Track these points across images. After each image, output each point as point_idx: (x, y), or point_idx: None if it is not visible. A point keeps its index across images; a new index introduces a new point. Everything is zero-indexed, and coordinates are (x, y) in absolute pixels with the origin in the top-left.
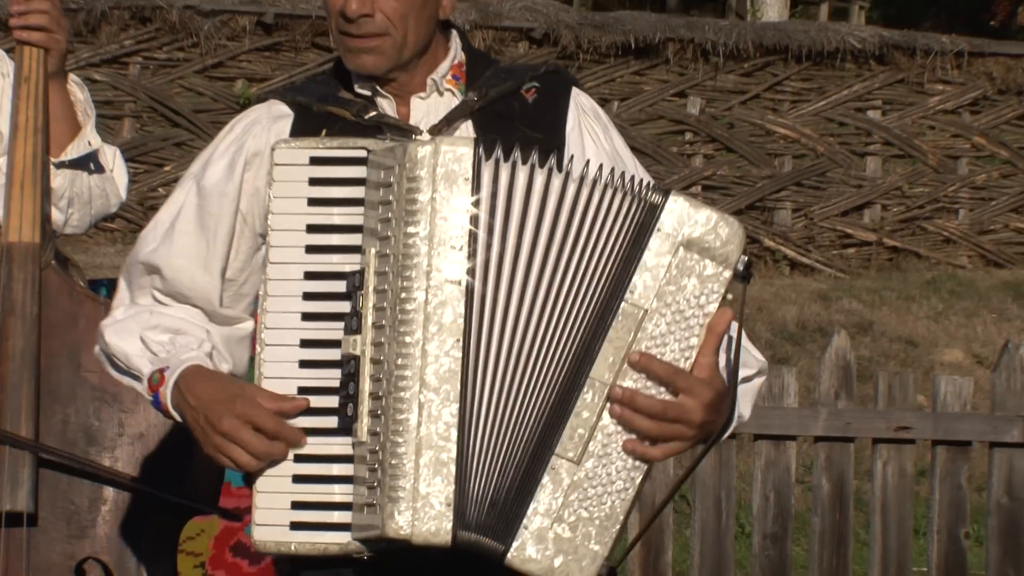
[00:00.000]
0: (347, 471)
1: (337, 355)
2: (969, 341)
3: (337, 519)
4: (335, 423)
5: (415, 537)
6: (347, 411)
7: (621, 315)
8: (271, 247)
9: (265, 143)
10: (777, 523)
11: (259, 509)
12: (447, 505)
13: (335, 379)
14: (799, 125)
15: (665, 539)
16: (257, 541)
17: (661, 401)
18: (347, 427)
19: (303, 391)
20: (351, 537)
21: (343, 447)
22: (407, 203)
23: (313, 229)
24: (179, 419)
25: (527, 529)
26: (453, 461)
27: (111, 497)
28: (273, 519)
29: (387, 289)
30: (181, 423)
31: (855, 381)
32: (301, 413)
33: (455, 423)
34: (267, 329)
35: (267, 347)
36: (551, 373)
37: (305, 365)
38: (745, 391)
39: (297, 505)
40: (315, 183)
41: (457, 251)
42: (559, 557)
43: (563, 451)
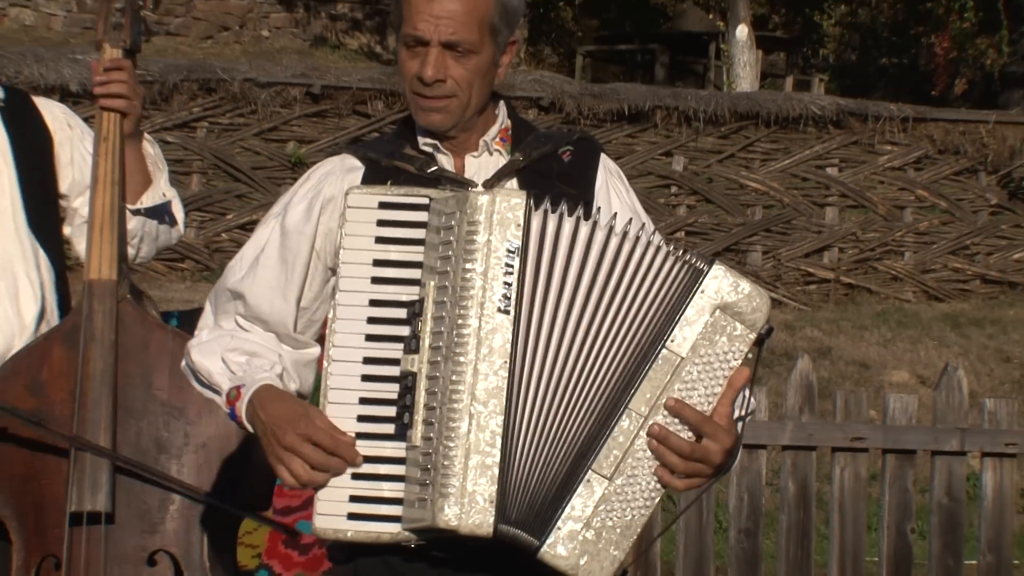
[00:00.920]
0: (398, 471)
1: (394, 371)
2: (913, 364)
3: (388, 512)
4: (390, 430)
5: (461, 528)
6: (403, 419)
7: (661, 359)
8: (341, 277)
9: (339, 190)
10: (750, 520)
11: (320, 501)
12: (490, 502)
13: (392, 392)
14: (768, 180)
15: (653, 533)
16: (318, 529)
17: (690, 443)
18: (402, 433)
19: (363, 401)
20: (401, 527)
21: (395, 451)
22: (466, 243)
23: (379, 263)
24: (251, 430)
25: (560, 530)
26: (497, 465)
27: (178, 498)
28: (333, 510)
29: (444, 316)
30: (252, 434)
31: (816, 398)
32: (360, 419)
33: (500, 432)
34: (334, 347)
35: (334, 362)
36: (593, 399)
37: (367, 379)
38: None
39: (354, 499)
40: (382, 224)
41: (508, 287)
42: (584, 557)
43: (599, 467)
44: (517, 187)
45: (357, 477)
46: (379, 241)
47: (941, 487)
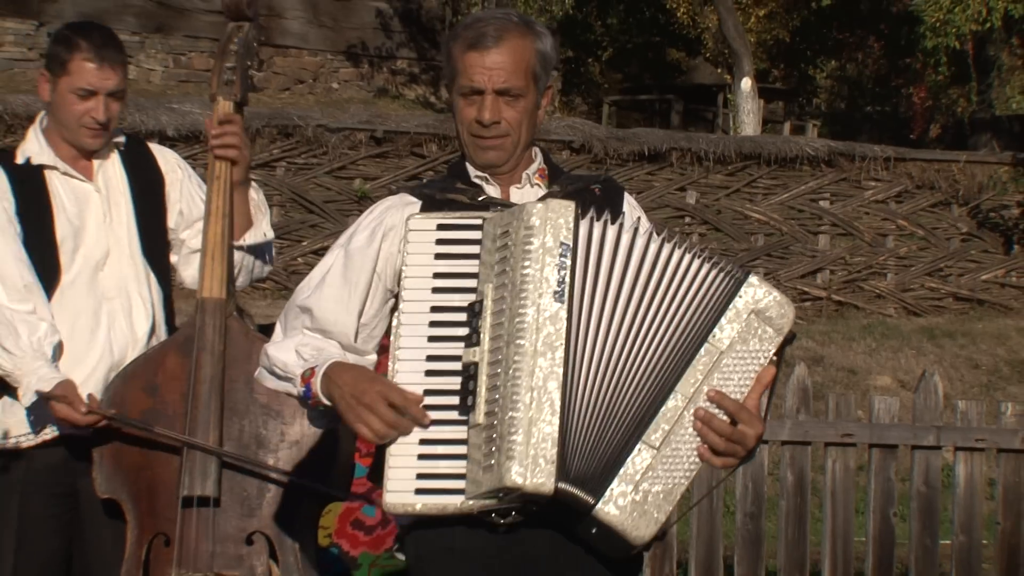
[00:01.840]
0: (460, 451)
1: (455, 366)
2: (895, 370)
3: (453, 486)
4: (454, 415)
5: (526, 486)
6: (467, 402)
7: (704, 351)
8: (404, 289)
9: (399, 221)
10: (754, 505)
11: (390, 480)
12: (552, 463)
13: (454, 384)
14: (769, 211)
15: (671, 516)
16: (388, 504)
17: (731, 427)
18: (466, 414)
19: (428, 392)
20: (465, 498)
21: (457, 433)
22: (524, 245)
23: (438, 275)
24: (327, 403)
25: (612, 491)
26: (557, 432)
27: (273, 486)
28: (401, 487)
29: (504, 310)
30: (327, 408)
31: (811, 400)
32: (426, 408)
33: (559, 405)
34: (400, 348)
35: (399, 361)
36: (643, 379)
37: (430, 374)
38: None
39: (421, 476)
40: (440, 243)
41: (562, 279)
42: (632, 516)
43: (648, 438)
44: None
45: (423, 457)
46: (438, 257)
47: (920, 477)
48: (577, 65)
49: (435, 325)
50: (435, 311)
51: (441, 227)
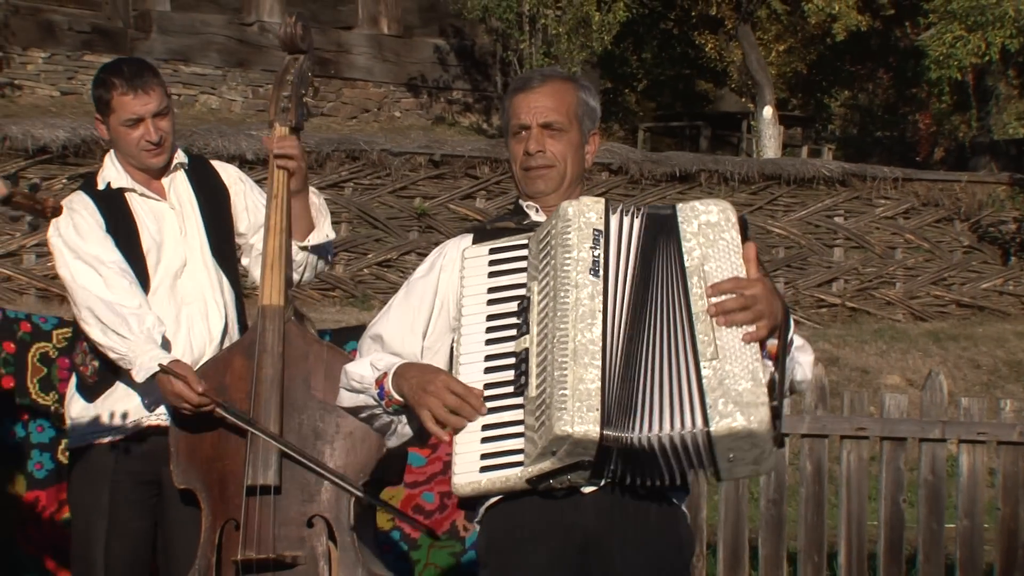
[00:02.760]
0: (518, 430)
1: (510, 361)
2: (904, 370)
3: (513, 460)
4: (510, 400)
5: (575, 433)
6: (520, 381)
7: (692, 273)
8: (464, 305)
9: (457, 254)
10: (776, 492)
11: (457, 464)
12: (595, 411)
13: (509, 376)
14: (788, 227)
15: (701, 502)
16: (456, 485)
17: (740, 298)
18: (520, 392)
19: (488, 386)
20: (524, 467)
21: (514, 416)
22: (563, 239)
23: (492, 290)
24: (400, 399)
25: (710, 409)
26: (599, 391)
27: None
28: (468, 468)
29: (548, 295)
30: (400, 404)
31: (828, 397)
32: (487, 399)
33: (599, 372)
34: (462, 354)
35: (462, 365)
36: (669, 326)
37: (488, 371)
38: (800, 345)
39: (484, 456)
40: (493, 263)
41: (596, 259)
42: (743, 415)
43: (703, 356)
44: None
45: (486, 440)
46: (491, 275)
47: (927, 467)
48: (615, 95)
49: (491, 330)
50: (490, 319)
51: (492, 251)
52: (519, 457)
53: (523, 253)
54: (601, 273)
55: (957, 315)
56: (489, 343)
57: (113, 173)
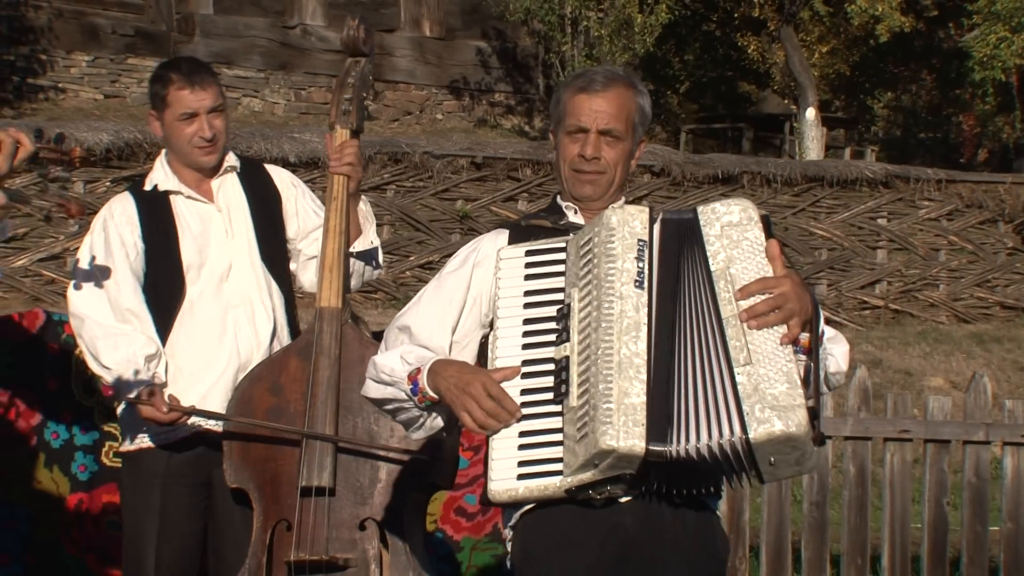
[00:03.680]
0: (556, 438)
1: (548, 367)
2: (948, 372)
3: (551, 469)
4: (548, 407)
5: (620, 448)
6: (560, 390)
7: (718, 277)
8: (499, 308)
9: (492, 251)
10: (819, 494)
11: (493, 470)
12: (641, 427)
13: (546, 382)
14: (831, 228)
15: (744, 505)
16: (492, 491)
17: (768, 299)
18: (560, 402)
19: (524, 392)
20: (563, 477)
21: (552, 423)
22: (607, 248)
23: (528, 293)
24: (434, 396)
25: (747, 416)
26: (644, 406)
27: (383, 477)
28: (504, 475)
29: (590, 304)
30: (434, 401)
31: (871, 399)
32: (524, 405)
33: (644, 387)
34: (499, 359)
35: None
36: (705, 331)
37: (525, 376)
38: (832, 336)
39: (521, 463)
40: (529, 266)
41: (640, 270)
42: (781, 419)
43: (736, 362)
44: None
45: (523, 447)
46: (527, 278)
47: (971, 469)
48: (657, 97)
49: (528, 335)
50: (527, 323)
51: (529, 253)
52: (558, 466)
53: (560, 257)
54: (645, 285)
55: (1001, 317)
56: (526, 348)
57: (161, 176)
